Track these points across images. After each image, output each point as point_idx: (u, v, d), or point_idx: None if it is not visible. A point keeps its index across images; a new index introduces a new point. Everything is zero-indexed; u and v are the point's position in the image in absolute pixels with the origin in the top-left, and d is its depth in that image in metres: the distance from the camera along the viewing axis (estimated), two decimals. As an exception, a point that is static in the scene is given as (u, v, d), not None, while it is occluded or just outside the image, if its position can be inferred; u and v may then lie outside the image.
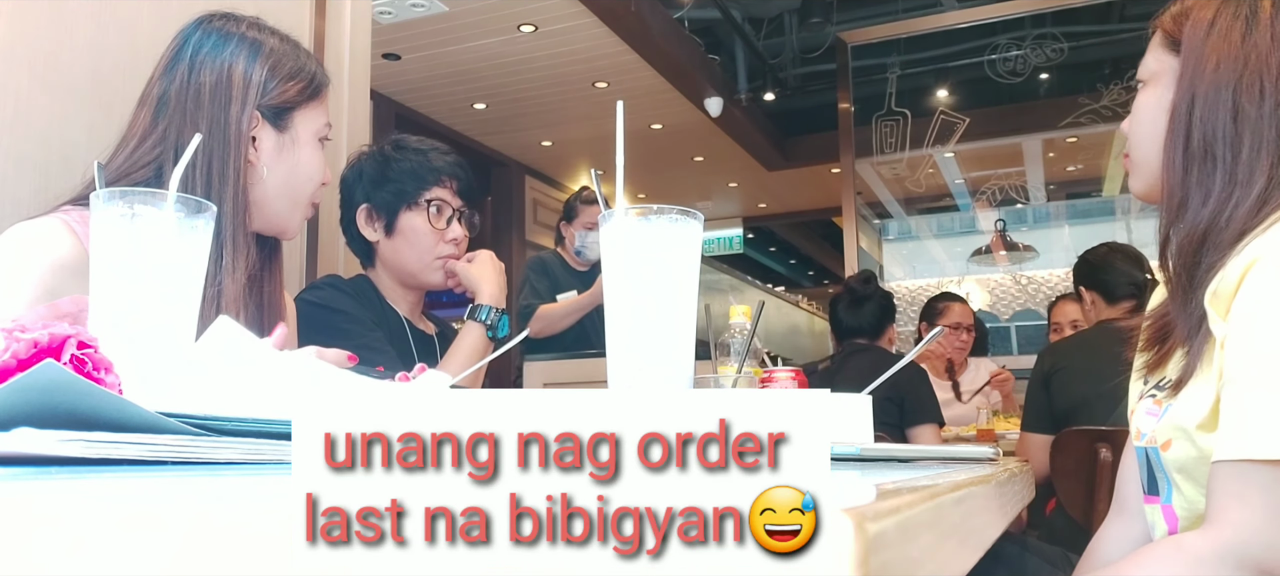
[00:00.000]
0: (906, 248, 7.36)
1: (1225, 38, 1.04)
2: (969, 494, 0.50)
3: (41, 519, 0.36)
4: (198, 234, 0.88)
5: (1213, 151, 1.01)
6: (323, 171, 1.34)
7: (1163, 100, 1.08)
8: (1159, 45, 1.11)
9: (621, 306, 0.76)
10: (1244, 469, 0.84)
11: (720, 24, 6.69)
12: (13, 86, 1.32)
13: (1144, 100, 1.12)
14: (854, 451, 0.85)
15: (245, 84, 1.25)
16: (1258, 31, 1.03)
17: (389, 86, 6.17)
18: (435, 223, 1.68)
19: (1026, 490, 0.90)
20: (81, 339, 0.59)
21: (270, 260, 1.38)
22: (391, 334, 1.65)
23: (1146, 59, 1.13)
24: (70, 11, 1.38)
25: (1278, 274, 0.89)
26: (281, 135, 1.28)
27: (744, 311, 1.53)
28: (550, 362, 3.08)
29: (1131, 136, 1.14)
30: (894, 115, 6.12)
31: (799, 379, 1.46)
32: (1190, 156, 1.03)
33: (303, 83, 1.30)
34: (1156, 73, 1.11)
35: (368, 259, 1.75)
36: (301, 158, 1.30)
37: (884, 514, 0.31)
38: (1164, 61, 1.10)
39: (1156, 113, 1.09)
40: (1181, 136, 1.04)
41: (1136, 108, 1.13)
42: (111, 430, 0.46)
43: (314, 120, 1.32)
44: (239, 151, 1.23)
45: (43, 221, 1.15)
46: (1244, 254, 0.93)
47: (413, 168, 1.68)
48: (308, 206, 1.35)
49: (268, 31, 1.31)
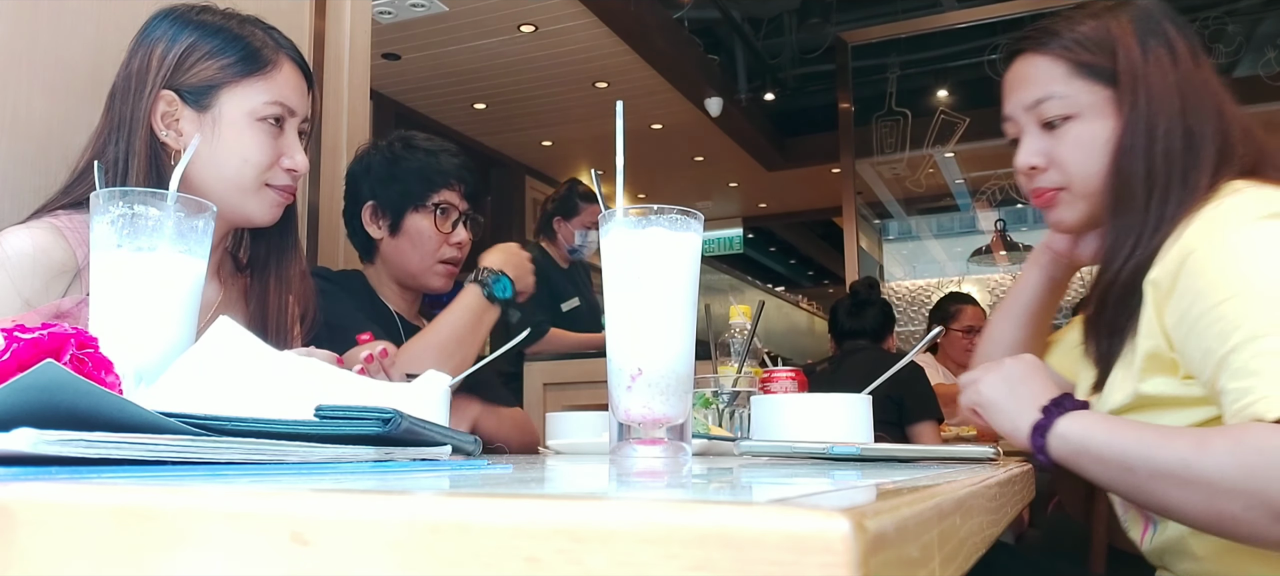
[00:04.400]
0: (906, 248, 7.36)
1: (1160, 66, 1.10)
2: (969, 493, 0.50)
3: (41, 519, 0.36)
4: (198, 234, 0.88)
5: (1170, 182, 1.07)
6: (269, 153, 1.24)
7: (1100, 131, 1.13)
8: (1074, 76, 1.14)
9: (621, 307, 0.76)
10: None
11: (720, 24, 6.69)
12: (13, 86, 1.32)
13: (1083, 134, 1.14)
14: (854, 451, 0.85)
15: (157, 67, 1.20)
16: (1180, 56, 1.11)
17: (389, 86, 6.17)
18: (441, 226, 1.66)
19: (1027, 490, 0.90)
20: (81, 339, 0.59)
21: (270, 256, 1.35)
22: (386, 330, 1.62)
23: (1059, 89, 1.14)
24: (70, 11, 1.38)
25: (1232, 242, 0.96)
26: (202, 116, 1.21)
27: (744, 311, 1.53)
28: (550, 363, 3.08)
29: (1072, 169, 1.15)
30: (894, 115, 6.13)
31: (799, 379, 1.46)
32: (1148, 189, 1.08)
33: (228, 60, 1.22)
34: (1090, 105, 1.13)
35: (368, 254, 1.73)
36: (227, 138, 1.21)
37: (884, 514, 0.31)
38: (1096, 93, 1.13)
39: (1094, 143, 1.13)
40: (1139, 171, 1.08)
41: (1073, 142, 1.14)
42: (111, 430, 0.46)
43: (246, 99, 1.22)
44: (134, 133, 1.18)
45: (32, 228, 1.14)
46: (1178, 245, 1.00)
47: (421, 168, 1.66)
48: (268, 191, 1.26)
49: (215, 12, 1.26)
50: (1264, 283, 0.92)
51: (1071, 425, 0.99)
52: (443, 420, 1.04)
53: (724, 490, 0.50)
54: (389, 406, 0.60)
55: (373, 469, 0.59)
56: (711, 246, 10.44)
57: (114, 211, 0.83)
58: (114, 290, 0.84)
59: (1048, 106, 1.15)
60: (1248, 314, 0.91)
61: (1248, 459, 0.86)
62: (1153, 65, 1.10)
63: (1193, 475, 0.90)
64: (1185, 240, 1.00)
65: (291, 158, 1.26)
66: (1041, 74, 1.16)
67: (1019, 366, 1.09)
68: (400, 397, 0.99)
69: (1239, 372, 0.90)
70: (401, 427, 0.60)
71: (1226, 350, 0.92)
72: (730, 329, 1.52)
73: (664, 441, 0.74)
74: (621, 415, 0.75)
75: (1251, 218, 0.97)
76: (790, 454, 0.91)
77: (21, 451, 0.42)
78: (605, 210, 0.77)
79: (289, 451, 0.55)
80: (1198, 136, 1.07)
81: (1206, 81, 1.11)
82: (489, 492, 0.36)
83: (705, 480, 0.59)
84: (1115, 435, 0.96)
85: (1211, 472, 0.88)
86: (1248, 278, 0.93)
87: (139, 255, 0.84)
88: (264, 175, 1.25)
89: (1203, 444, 0.90)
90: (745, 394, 1.37)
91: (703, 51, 6.66)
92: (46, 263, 1.12)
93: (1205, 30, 5.49)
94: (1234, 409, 0.90)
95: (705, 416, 1.37)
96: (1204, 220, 1.00)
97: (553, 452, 1.32)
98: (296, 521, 0.33)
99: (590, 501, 0.31)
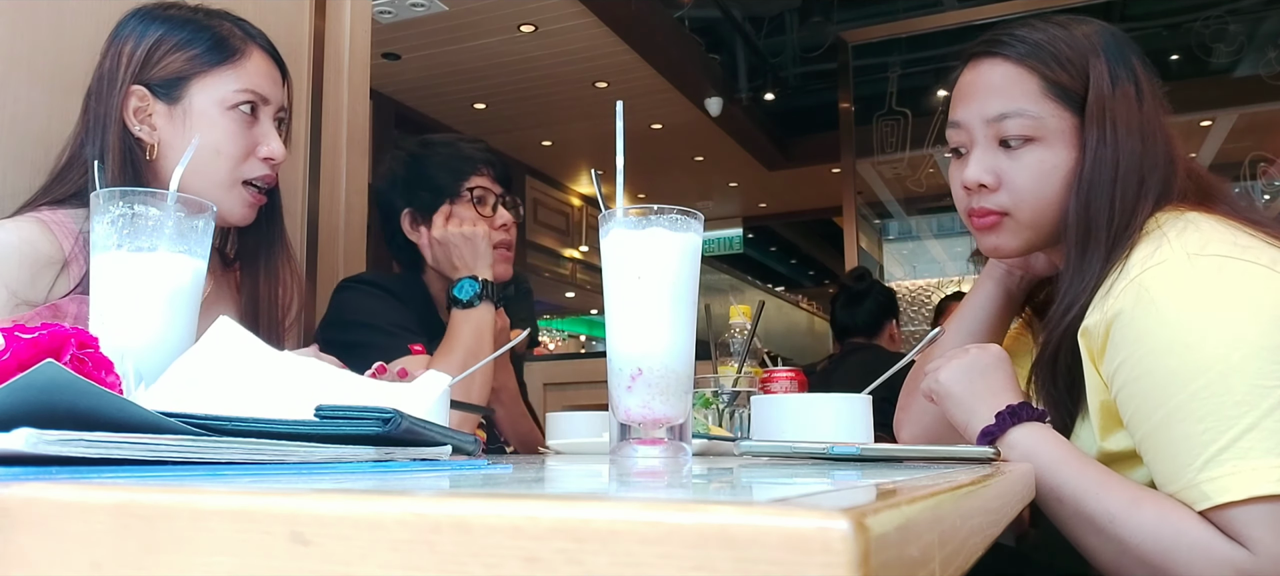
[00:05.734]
0: (907, 247, 7.36)
1: (1127, 102, 1.05)
2: (969, 494, 0.50)
3: (41, 519, 0.36)
4: (198, 233, 0.88)
5: (1129, 222, 1.03)
6: (242, 143, 1.23)
7: (1061, 161, 1.06)
8: (1046, 96, 1.06)
9: (622, 307, 0.76)
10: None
11: (720, 23, 6.69)
12: (13, 86, 1.32)
13: (1044, 161, 1.06)
14: (854, 451, 0.84)
15: (126, 63, 1.21)
16: (1144, 94, 1.06)
17: (389, 86, 6.17)
18: (481, 211, 1.60)
19: (1027, 490, 0.90)
20: (81, 339, 0.59)
21: (259, 249, 1.34)
22: (437, 339, 1.54)
23: (1030, 108, 1.06)
24: (70, 11, 1.38)
25: (1159, 305, 0.93)
26: (173, 108, 1.21)
27: (744, 311, 1.53)
28: (550, 363, 3.08)
29: (1023, 196, 1.08)
30: (894, 115, 6.12)
31: (799, 379, 1.46)
32: (1110, 228, 1.03)
33: (196, 51, 1.22)
34: (1056, 132, 1.06)
35: (417, 266, 1.66)
36: (199, 129, 1.21)
37: (884, 513, 0.31)
38: (1064, 120, 1.06)
39: (1063, 177, 1.06)
40: (1103, 209, 1.03)
41: (1030, 167, 1.07)
42: (111, 430, 0.46)
43: (216, 89, 1.22)
44: (108, 130, 1.19)
45: (18, 222, 1.16)
46: (1108, 300, 0.97)
47: (446, 160, 1.62)
48: (243, 190, 1.25)
49: (182, 7, 1.27)
50: (1197, 350, 0.90)
51: (1021, 437, 0.99)
52: (443, 420, 1.04)
53: (724, 490, 0.50)
54: (389, 406, 0.60)
55: (373, 469, 0.59)
56: (711, 246, 10.43)
57: (114, 211, 0.83)
58: (114, 290, 0.84)
59: (1011, 124, 1.06)
60: (1182, 382, 0.90)
61: (1165, 539, 0.89)
62: (1120, 100, 1.05)
63: (1114, 531, 0.92)
64: (1114, 298, 0.97)
65: (267, 145, 1.25)
66: (1011, 86, 1.07)
67: (983, 358, 1.05)
68: (400, 397, 0.99)
69: (1175, 443, 0.90)
70: (401, 427, 0.60)
71: (1162, 415, 0.92)
72: (730, 329, 1.52)
73: (664, 441, 0.74)
74: (621, 415, 0.75)
75: (1174, 271, 0.94)
76: (790, 454, 0.91)
77: (21, 451, 0.42)
78: (605, 210, 0.77)
79: (289, 451, 0.55)
80: (1147, 182, 1.03)
81: (1162, 123, 1.07)
82: (489, 492, 0.36)
83: (705, 480, 0.59)
84: (1058, 467, 0.96)
85: (1131, 535, 0.90)
86: (1182, 344, 0.91)
87: (139, 255, 0.84)
88: (239, 168, 1.24)
89: (1134, 505, 0.91)
90: (745, 394, 1.37)
91: (703, 51, 6.66)
92: (32, 255, 1.13)
93: (1206, 30, 5.48)
94: (1174, 483, 0.91)
95: (705, 416, 1.37)
96: (1127, 275, 0.97)
97: (553, 452, 1.32)
98: (297, 521, 0.33)
99: (591, 501, 0.31)
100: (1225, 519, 0.87)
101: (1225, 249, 0.94)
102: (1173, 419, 0.90)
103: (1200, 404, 0.88)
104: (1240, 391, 0.87)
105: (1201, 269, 0.93)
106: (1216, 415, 0.88)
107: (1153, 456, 0.94)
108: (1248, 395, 0.87)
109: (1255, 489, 0.85)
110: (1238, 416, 0.87)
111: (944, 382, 1.06)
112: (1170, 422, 0.90)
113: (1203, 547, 0.87)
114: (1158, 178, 1.04)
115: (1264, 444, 0.86)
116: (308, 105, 1.86)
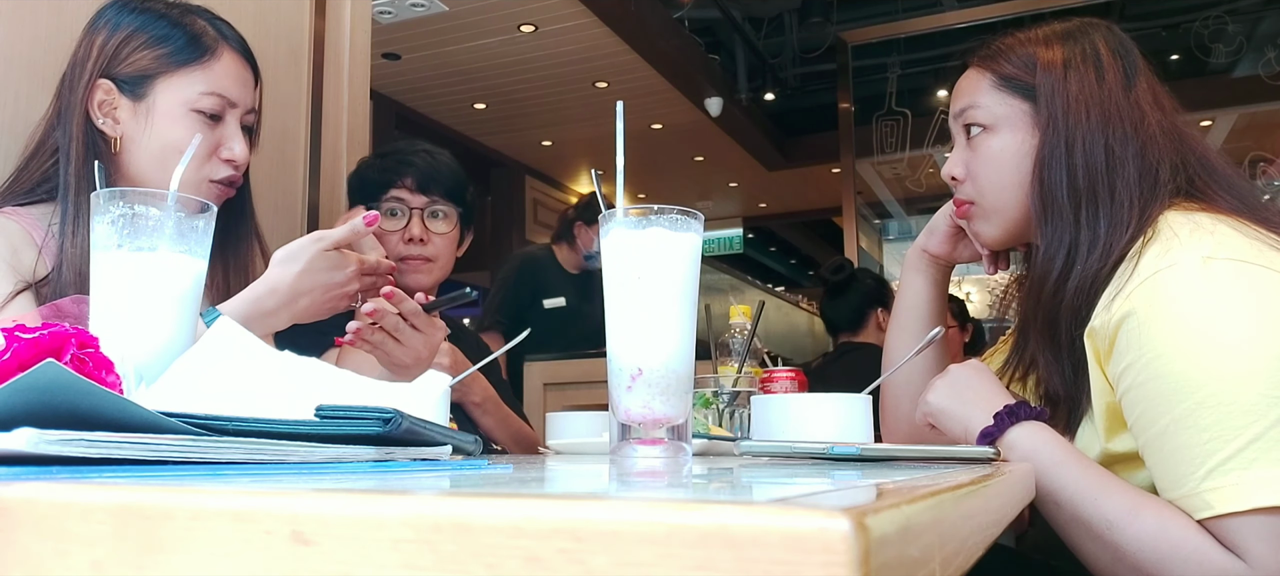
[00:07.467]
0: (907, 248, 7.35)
1: (1083, 83, 1.08)
2: (969, 494, 0.50)
3: (41, 519, 0.36)
4: (198, 234, 0.88)
5: (1096, 195, 1.04)
6: (206, 145, 1.23)
7: (1020, 146, 1.11)
8: (995, 88, 1.13)
9: (622, 307, 0.76)
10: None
11: (720, 23, 6.69)
12: (13, 86, 1.32)
13: (993, 147, 1.13)
14: (854, 451, 0.84)
15: (96, 55, 1.21)
16: (1108, 74, 1.08)
17: (389, 86, 6.16)
18: (388, 225, 1.60)
19: (1027, 490, 0.90)
20: (82, 339, 0.59)
21: (226, 245, 1.33)
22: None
23: (981, 100, 1.14)
24: (70, 12, 1.38)
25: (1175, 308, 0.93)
26: (137, 105, 1.21)
27: (744, 311, 1.53)
28: (550, 363, 3.07)
29: (982, 183, 1.14)
30: (894, 115, 6.12)
31: (799, 379, 1.46)
32: (1075, 202, 1.05)
33: (165, 50, 1.22)
34: (1005, 118, 1.12)
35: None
36: (160, 128, 1.20)
37: (884, 513, 0.31)
38: (1012, 106, 1.12)
39: (1015, 159, 1.11)
40: (1062, 182, 1.06)
41: (985, 155, 1.13)
42: (111, 430, 0.46)
43: (181, 89, 1.21)
44: (72, 120, 1.19)
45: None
46: (1117, 301, 0.97)
47: (376, 168, 1.65)
48: (207, 185, 1.24)
49: (160, 1, 1.26)
50: (1208, 356, 0.90)
51: (1022, 437, 0.99)
52: (442, 420, 1.04)
53: (724, 490, 0.50)
54: (389, 406, 0.60)
55: (373, 469, 0.59)
56: (711, 246, 10.43)
57: (114, 211, 0.83)
58: (114, 290, 0.84)
59: (967, 115, 1.15)
60: (1191, 388, 0.89)
61: (1162, 548, 0.89)
62: (1073, 83, 1.08)
63: (1111, 537, 0.92)
64: (1124, 298, 0.96)
65: (229, 148, 1.25)
66: (970, 85, 1.16)
67: (965, 372, 1.09)
68: (400, 397, 0.99)
69: (1180, 451, 0.90)
70: (402, 427, 0.60)
71: (1168, 421, 0.91)
72: (730, 329, 1.52)
73: (664, 441, 0.74)
74: (622, 415, 0.75)
75: (1188, 273, 0.93)
76: (790, 454, 0.91)
77: (21, 451, 0.42)
78: (605, 210, 0.77)
79: (290, 451, 0.55)
80: (1119, 156, 1.05)
81: (1136, 105, 1.07)
82: (490, 492, 0.36)
83: (706, 480, 0.59)
84: (1057, 469, 0.96)
85: (1128, 543, 0.91)
86: (1192, 349, 0.91)
87: (139, 255, 0.84)
88: (202, 168, 1.23)
89: (1133, 512, 0.91)
90: (745, 394, 1.37)
91: (703, 51, 6.66)
92: (4, 237, 1.16)
93: (1205, 30, 5.48)
94: (1176, 491, 0.91)
95: (705, 416, 1.37)
96: (1139, 276, 0.97)
97: (553, 452, 1.32)
98: (297, 521, 0.33)
99: (591, 501, 0.31)
100: (1224, 529, 0.86)
101: (1240, 253, 0.94)
102: (1179, 425, 0.89)
103: (1208, 411, 0.88)
104: (1249, 400, 0.87)
105: (1216, 273, 0.92)
106: (1224, 423, 0.87)
107: (1156, 461, 0.93)
108: (1256, 404, 0.86)
109: (1256, 500, 0.84)
110: (1245, 426, 0.86)
111: (934, 403, 1.09)
112: (1176, 428, 0.90)
113: (1198, 558, 0.87)
114: (1132, 154, 1.04)
115: (1269, 455, 0.85)
116: (308, 105, 1.86)
